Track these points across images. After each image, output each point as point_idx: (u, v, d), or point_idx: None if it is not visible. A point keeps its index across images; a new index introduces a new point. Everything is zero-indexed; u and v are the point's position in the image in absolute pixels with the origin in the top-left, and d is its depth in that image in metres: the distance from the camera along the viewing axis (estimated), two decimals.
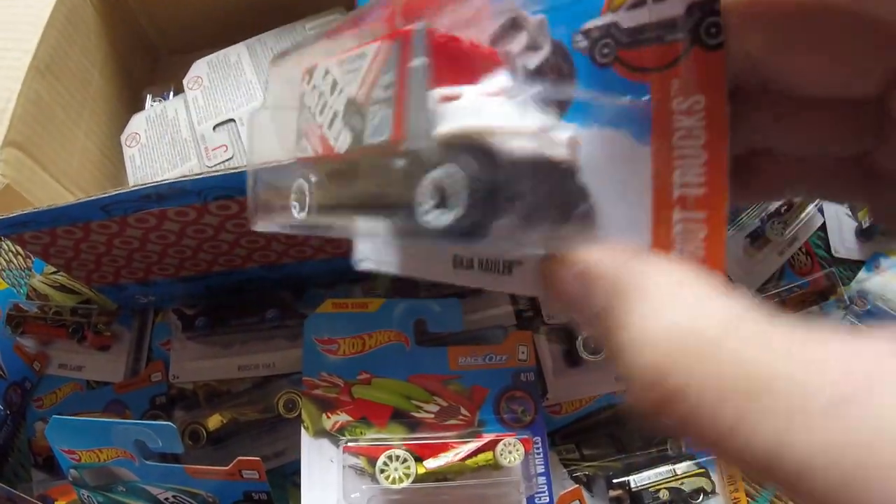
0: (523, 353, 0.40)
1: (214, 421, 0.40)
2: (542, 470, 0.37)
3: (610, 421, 0.44)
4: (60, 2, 0.43)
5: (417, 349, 0.39)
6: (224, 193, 0.32)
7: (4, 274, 0.54)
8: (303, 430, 0.36)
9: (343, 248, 0.40)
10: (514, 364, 0.39)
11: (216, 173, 0.30)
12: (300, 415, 0.39)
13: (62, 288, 0.52)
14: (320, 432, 0.36)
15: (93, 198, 0.31)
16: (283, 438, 0.41)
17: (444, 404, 0.37)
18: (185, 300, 0.45)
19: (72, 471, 0.38)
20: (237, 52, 0.49)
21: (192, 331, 0.42)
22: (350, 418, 0.36)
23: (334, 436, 0.36)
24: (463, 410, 0.38)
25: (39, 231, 0.35)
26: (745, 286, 0.48)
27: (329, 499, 0.34)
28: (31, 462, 0.46)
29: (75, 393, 0.47)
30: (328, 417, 0.36)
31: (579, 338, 0.43)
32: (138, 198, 0.31)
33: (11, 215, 0.33)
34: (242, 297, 0.43)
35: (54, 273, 0.52)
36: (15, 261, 0.55)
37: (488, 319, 0.45)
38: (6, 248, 0.55)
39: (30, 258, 0.54)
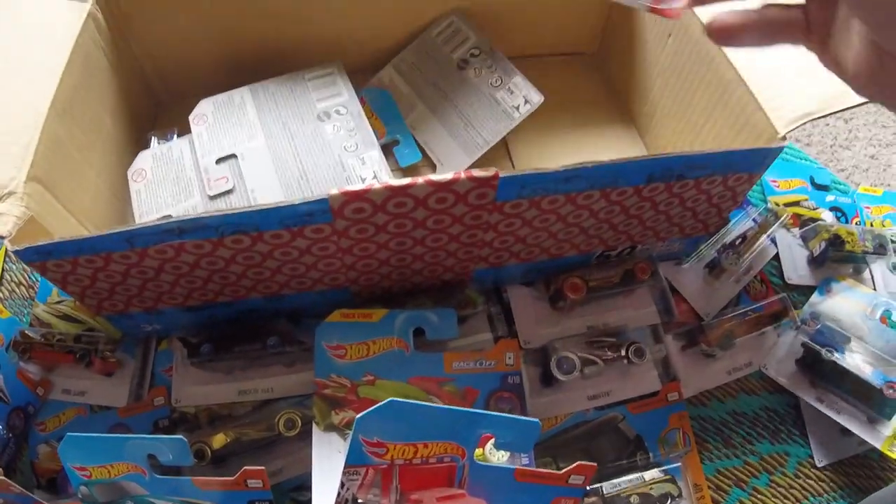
0: (510, 358, 0.45)
1: (219, 440, 0.43)
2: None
3: (583, 436, 0.48)
4: (76, 49, 0.46)
5: (416, 354, 0.43)
6: (239, 229, 0.35)
7: (7, 303, 0.56)
8: (314, 425, 0.40)
9: (340, 280, 0.44)
10: (502, 368, 0.44)
11: (234, 211, 0.34)
12: (299, 434, 0.43)
13: (65, 317, 0.54)
14: (329, 427, 0.40)
15: (118, 230, 0.35)
16: (283, 456, 0.44)
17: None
18: (187, 329, 0.48)
19: (82, 488, 0.40)
20: (241, 95, 0.53)
21: (197, 357, 0.45)
22: (356, 414, 0.39)
23: (342, 430, 0.40)
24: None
25: (62, 259, 0.38)
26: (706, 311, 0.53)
27: (337, 484, 0.37)
28: (33, 484, 0.48)
29: (79, 417, 0.49)
30: (336, 414, 0.40)
31: (553, 359, 0.47)
32: (162, 231, 0.34)
33: (39, 244, 0.37)
34: (243, 326, 0.46)
35: (58, 303, 0.55)
36: (17, 290, 0.57)
37: (473, 345, 0.48)
38: (9, 278, 0.58)
39: (32, 288, 0.57)
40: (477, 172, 0.34)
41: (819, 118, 0.42)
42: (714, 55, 0.46)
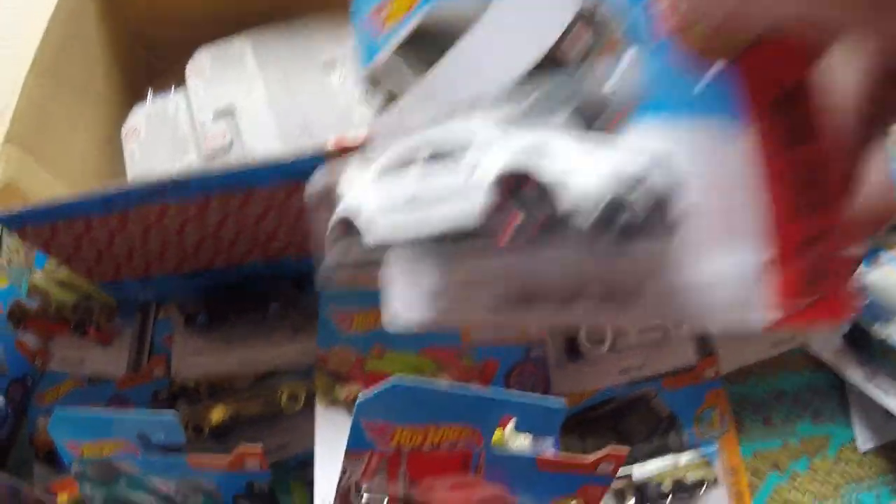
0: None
1: (217, 414, 0.40)
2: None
3: (613, 413, 0.44)
4: (61, 2, 0.43)
5: None
6: (227, 189, 0.32)
7: (6, 271, 0.54)
8: (316, 401, 0.37)
9: None
10: (526, 339, 0.40)
11: (217, 169, 0.30)
12: (303, 408, 0.40)
13: (63, 284, 0.52)
14: (334, 402, 0.37)
15: (93, 193, 0.31)
16: (287, 431, 0.42)
17: (454, 377, 0.38)
18: (185, 296, 0.45)
19: (74, 465, 0.38)
20: (240, 44, 0.49)
21: (194, 326, 0.42)
22: (363, 388, 0.36)
23: (347, 405, 0.37)
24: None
25: (41, 226, 0.35)
26: None
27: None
28: (33, 457, 0.46)
29: (76, 389, 0.47)
30: (341, 388, 0.37)
31: (581, 330, 0.43)
32: (139, 193, 0.31)
33: (13, 211, 0.34)
34: (244, 292, 0.43)
35: (55, 269, 0.52)
36: (15, 258, 0.55)
37: None
38: (7, 246, 0.56)
39: (30, 255, 0.55)
40: None
41: None
42: None
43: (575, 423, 0.43)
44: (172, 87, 0.51)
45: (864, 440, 0.46)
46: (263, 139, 0.44)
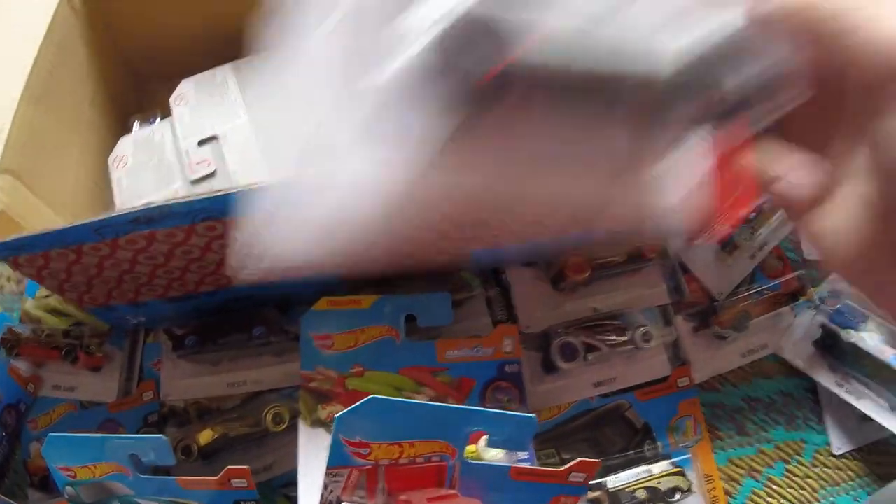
0: (508, 345, 0.42)
1: (205, 436, 0.41)
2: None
3: (587, 425, 0.46)
4: (50, 30, 0.44)
5: (407, 342, 0.41)
6: (210, 215, 0.33)
7: None
8: (300, 421, 0.38)
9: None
10: (500, 356, 0.42)
11: (202, 196, 0.31)
12: (287, 429, 0.41)
13: (54, 311, 0.53)
14: (316, 422, 0.38)
15: (86, 221, 0.33)
16: (273, 451, 0.43)
17: (433, 394, 0.39)
18: (174, 320, 0.46)
19: (67, 488, 0.39)
20: (223, 73, 0.50)
21: (182, 349, 0.43)
22: (343, 408, 0.38)
23: (328, 425, 0.38)
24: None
25: (34, 254, 0.37)
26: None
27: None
28: (27, 482, 0.47)
29: (69, 413, 0.48)
30: (323, 408, 0.38)
31: (553, 345, 0.44)
32: (129, 221, 0.33)
33: (7, 239, 0.35)
34: (229, 316, 0.44)
35: (46, 297, 0.53)
36: (7, 285, 0.56)
37: (469, 331, 0.46)
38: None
39: (22, 283, 0.56)
40: None
41: None
42: None
43: (551, 436, 0.44)
44: (158, 116, 0.53)
45: (838, 444, 0.47)
46: (247, 166, 0.46)
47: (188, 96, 0.49)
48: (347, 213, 0.19)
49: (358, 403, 0.29)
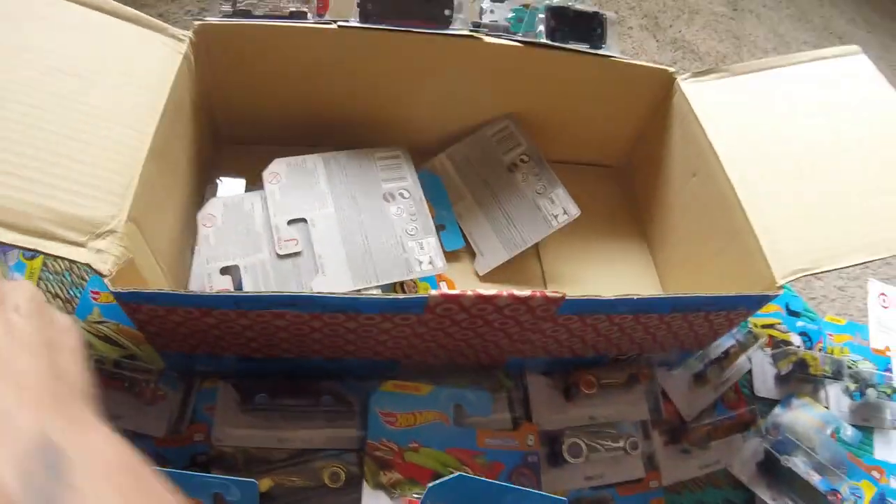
0: (531, 439, 0.51)
1: (265, 484, 0.46)
2: None
3: None
4: (172, 91, 0.49)
5: (454, 428, 0.49)
6: (341, 309, 0.40)
7: None
8: (364, 483, 0.45)
9: (398, 354, 0.49)
10: (524, 448, 0.50)
11: (344, 295, 0.39)
12: (343, 486, 0.47)
13: (106, 339, 0.56)
14: (378, 485, 0.45)
15: (232, 294, 0.39)
16: None
17: (471, 473, 0.47)
18: (238, 374, 0.51)
19: None
20: (313, 161, 0.58)
21: (251, 404, 0.49)
22: (401, 477, 0.45)
23: (388, 489, 0.45)
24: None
25: (160, 306, 0.41)
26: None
27: None
28: None
29: None
30: (384, 475, 0.45)
31: (565, 444, 0.53)
32: (274, 301, 0.39)
33: (147, 290, 0.40)
34: (294, 380, 0.50)
35: (99, 322, 0.57)
36: (53, 302, 0.59)
37: (492, 423, 0.54)
38: (44, 288, 0.59)
39: (70, 304, 0.59)
40: (550, 293, 0.41)
41: (812, 274, 0.51)
42: (731, 203, 0.55)
43: None
44: (244, 182, 0.59)
45: None
46: (331, 250, 0.53)
47: (281, 176, 0.56)
48: None
49: (449, 477, 0.37)
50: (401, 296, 0.39)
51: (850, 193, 0.53)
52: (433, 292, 0.39)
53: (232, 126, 0.64)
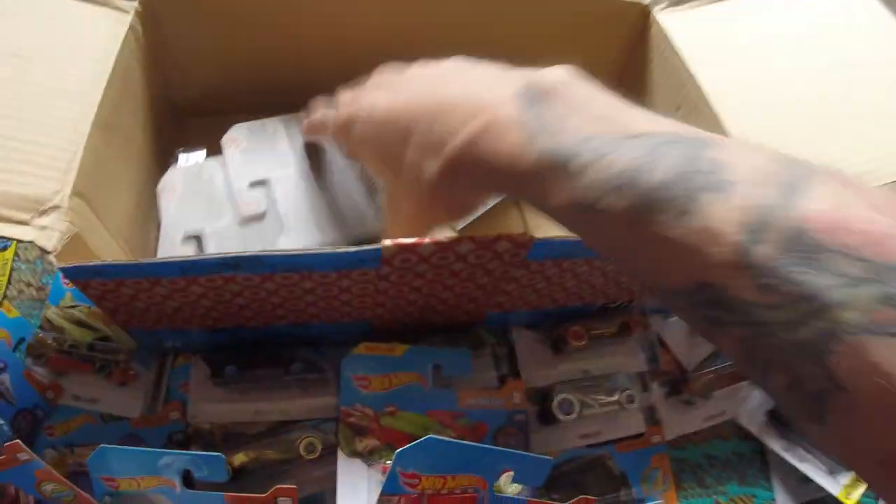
0: (517, 397, 0.49)
1: (239, 458, 0.45)
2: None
3: (574, 471, 0.52)
4: (118, 62, 0.47)
5: (433, 389, 0.47)
6: (292, 268, 0.38)
7: (15, 303, 0.57)
8: (339, 451, 0.43)
9: (366, 315, 0.47)
10: (510, 406, 0.48)
11: (291, 252, 0.36)
12: (319, 456, 0.45)
13: (79, 323, 0.55)
14: (353, 453, 0.43)
15: (176, 259, 0.37)
16: (295, 477, 0.46)
17: (454, 435, 0.45)
18: (208, 348, 0.50)
19: (106, 497, 0.41)
20: (274, 125, 0.55)
21: (221, 378, 0.47)
22: (378, 443, 0.43)
23: (365, 456, 0.43)
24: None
25: (109, 280, 0.40)
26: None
27: None
28: None
29: (88, 424, 0.50)
30: (360, 441, 0.43)
31: (555, 400, 0.50)
32: (220, 263, 0.37)
33: (90, 263, 0.38)
34: (267, 350, 0.48)
35: (71, 307, 0.55)
36: (26, 291, 0.58)
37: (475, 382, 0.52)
38: (17, 277, 0.58)
39: (43, 290, 0.57)
40: (516, 235, 0.38)
41: None
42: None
43: None
44: (204, 152, 0.57)
45: (783, 500, 0.55)
46: (295, 207, 0.50)
47: (240, 140, 0.54)
48: None
49: (418, 441, 0.34)
50: (352, 248, 0.36)
51: (842, 118, 0.49)
52: (387, 242, 0.36)
53: (193, 98, 0.62)
